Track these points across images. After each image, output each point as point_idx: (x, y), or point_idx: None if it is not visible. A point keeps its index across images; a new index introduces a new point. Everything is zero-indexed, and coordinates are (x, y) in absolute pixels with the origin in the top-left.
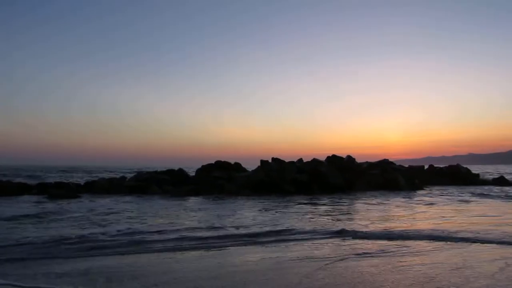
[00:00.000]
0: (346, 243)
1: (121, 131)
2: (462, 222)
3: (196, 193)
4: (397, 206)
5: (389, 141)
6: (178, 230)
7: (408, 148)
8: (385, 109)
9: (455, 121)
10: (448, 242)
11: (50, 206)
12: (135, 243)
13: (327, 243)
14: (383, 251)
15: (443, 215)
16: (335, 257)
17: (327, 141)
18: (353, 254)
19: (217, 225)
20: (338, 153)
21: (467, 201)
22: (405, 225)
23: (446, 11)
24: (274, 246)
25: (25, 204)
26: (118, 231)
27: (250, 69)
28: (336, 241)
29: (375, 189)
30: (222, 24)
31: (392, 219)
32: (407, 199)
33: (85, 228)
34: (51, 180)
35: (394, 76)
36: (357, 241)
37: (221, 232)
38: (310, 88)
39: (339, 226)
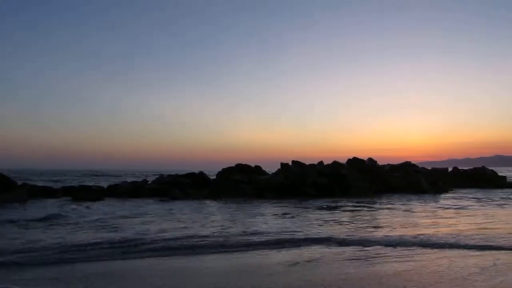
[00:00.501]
0: (343, 249)
1: (145, 136)
2: (494, 228)
3: (216, 197)
4: (421, 211)
5: (411, 143)
6: (188, 236)
7: (431, 150)
8: (406, 111)
9: (479, 121)
10: (452, 249)
11: (70, 209)
12: (138, 248)
13: (324, 250)
14: (377, 256)
15: (469, 221)
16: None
17: (348, 143)
18: (339, 260)
19: (226, 230)
20: (359, 155)
21: (499, 205)
22: (425, 230)
23: (463, 12)
24: (269, 251)
25: (48, 208)
26: (125, 235)
27: (270, 73)
28: (333, 247)
29: (397, 192)
30: (241, 29)
31: (411, 225)
32: (432, 203)
33: (97, 232)
34: (76, 184)
35: (415, 77)
36: (354, 248)
37: (226, 238)
38: (330, 90)
39: (347, 233)
